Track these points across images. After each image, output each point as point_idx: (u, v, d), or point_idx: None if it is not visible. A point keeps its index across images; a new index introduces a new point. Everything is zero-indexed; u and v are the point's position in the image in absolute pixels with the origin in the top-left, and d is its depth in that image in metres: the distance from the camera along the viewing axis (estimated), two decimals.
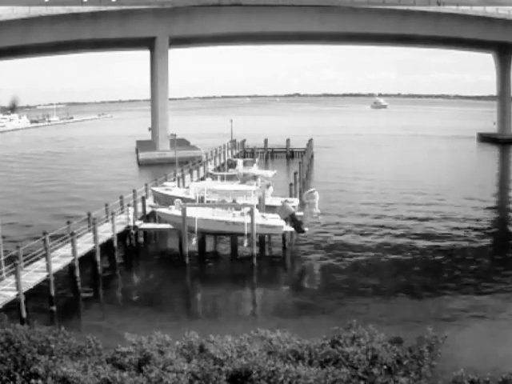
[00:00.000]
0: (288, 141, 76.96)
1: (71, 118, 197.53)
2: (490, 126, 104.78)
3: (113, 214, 31.50)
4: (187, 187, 40.70)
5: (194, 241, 31.28)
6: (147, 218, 36.13)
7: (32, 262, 25.13)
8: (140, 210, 35.75)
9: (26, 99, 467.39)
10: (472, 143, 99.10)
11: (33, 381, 8.90)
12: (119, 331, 14.43)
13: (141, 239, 34.74)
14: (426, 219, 40.22)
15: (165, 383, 8.63)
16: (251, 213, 30.60)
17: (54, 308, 24.18)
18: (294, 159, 70.90)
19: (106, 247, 30.40)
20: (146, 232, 34.98)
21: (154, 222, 35.86)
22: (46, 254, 24.88)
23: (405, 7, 78.29)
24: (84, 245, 28.49)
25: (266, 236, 33.22)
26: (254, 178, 41.70)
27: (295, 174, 44.77)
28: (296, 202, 37.04)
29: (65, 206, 44.91)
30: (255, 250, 30.56)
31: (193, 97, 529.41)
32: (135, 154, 79.73)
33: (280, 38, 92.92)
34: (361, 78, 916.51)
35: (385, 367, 9.18)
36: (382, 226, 38.23)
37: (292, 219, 33.00)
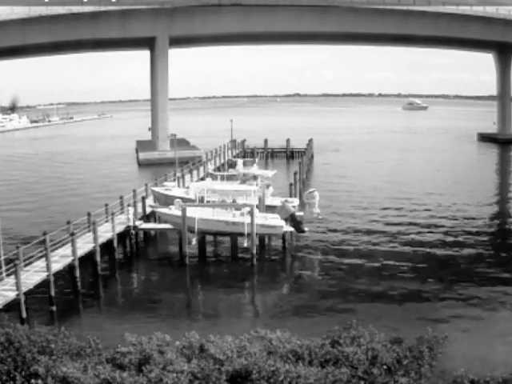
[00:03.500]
0: (288, 141, 76.93)
1: (71, 118, 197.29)
2: (490, 126, 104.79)
3: (113, 213, 31.51)
4: (187, 187, 40.68)
5: (194, 241, 31.24)
6: (147, 217, 36.13)
7: (32, 262, 25.14)
8: (140, 210, 35.76)
9: (26, 99, 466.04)
10: (472, 143, 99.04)
11: (33, 381, 8.92)
12: (119, 331, 14.37)
13: (141, 239, 34.74)
14: (427, 219, 40.17)
15: (165, 383, 8.63)
16: (251, 213, 30.59)
17: (54, 308, 24.17)
18: (294, 159, 70.94)
19: (106, 247, 30.41)
20: (146, 232, 34.98)
21: (154, 221, 35.87)
22: (46, 254, 24.88)
23: (405, 7, 78.18)
24: (84, 245, 28.49)
25: (266, 236, 33.21)
26: (254, 178, 41.66)
27: (295, 174, 44.77)
28: (296, 202, 37.03)
29: (65, 205, 44.87)
30: (255, 250, 30.57)
31: (193, 97, 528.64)
32: (135, 154, 79.74)
33: (280, 38, 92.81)
34: (361, 78, 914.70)
35: (385, 367, 9.20)
36: (383, 226, 38.20)
37: (292, 219, 33.00)
